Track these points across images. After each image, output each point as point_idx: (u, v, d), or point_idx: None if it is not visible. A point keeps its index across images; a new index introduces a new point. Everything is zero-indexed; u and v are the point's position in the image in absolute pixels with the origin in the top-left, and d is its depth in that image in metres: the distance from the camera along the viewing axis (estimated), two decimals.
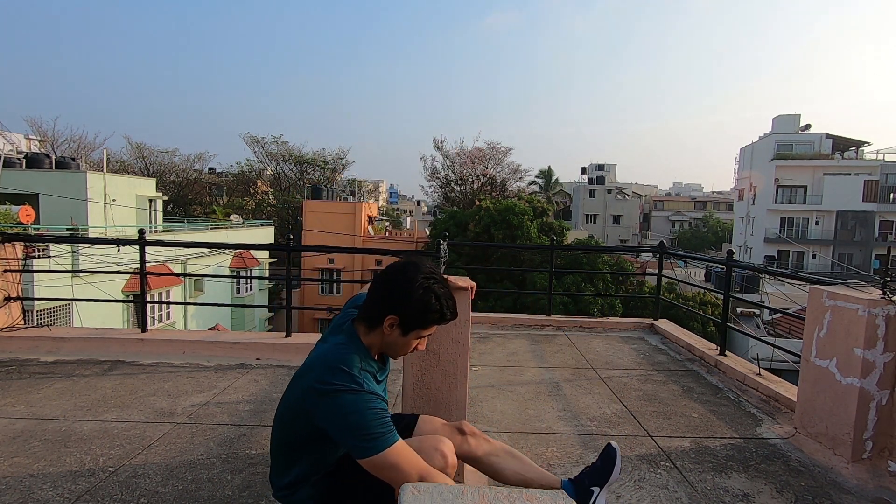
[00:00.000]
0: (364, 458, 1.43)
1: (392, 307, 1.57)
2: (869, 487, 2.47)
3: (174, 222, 26.58)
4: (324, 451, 1.59)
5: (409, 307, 1.57)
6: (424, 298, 1.57)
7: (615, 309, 16.32)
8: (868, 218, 33.43)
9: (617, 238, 53.13)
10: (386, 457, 1.42)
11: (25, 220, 13.49)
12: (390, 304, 1.57)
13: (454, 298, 1.65)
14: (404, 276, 1.59)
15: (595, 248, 19.15)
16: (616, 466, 1.82)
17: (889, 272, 2.66)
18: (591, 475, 1.83)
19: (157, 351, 4.25)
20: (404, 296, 1.56)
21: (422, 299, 1.57)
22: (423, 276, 1.59)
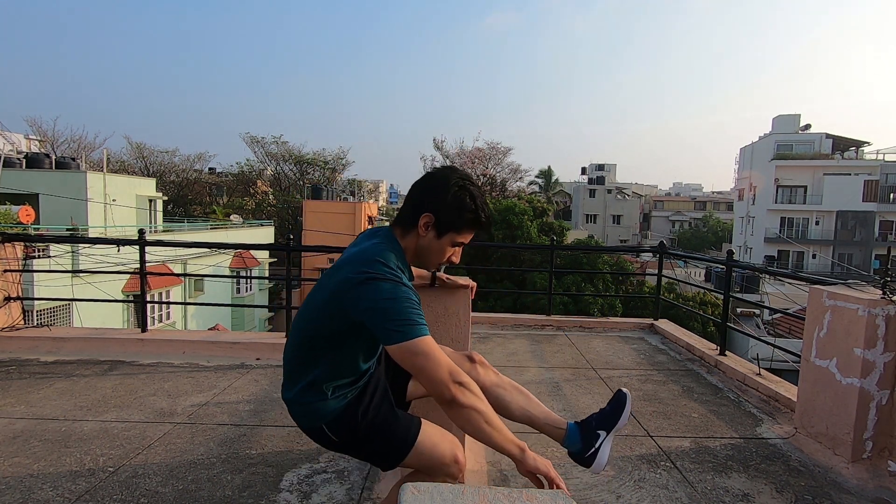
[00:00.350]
0: (395, 344, 1.38)
1: (427, 205, 1.56)
2: (869, 487, 2.47)
3: (174, 222, 26.59)
4: (343, 355, 1.54)
5: (444, 205, 1.56)
6: (460, 196, 1.56)
7: (615, 309, 16.32)
8: (868, 218, 33.45)
9: (617, 238, 53.14)
10: (418, 343, 1.38)
11: (25, 220, 13.50)
12: (426, 203, 1.57)
13: (488, 205, 1.64)
14: (441, 175, 1.60)
15: (595, 248, 19.15)
16: (625, 412, 1.78)
17: (889, 272, 2.66)
18: (598, 419, 1.79)
19: (157, 351, 4.25)
20: (440, 194, 1.56)
21: (457, 196, 1.56)
22: (459, 177, 1.59)
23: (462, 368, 1.67)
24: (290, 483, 2.34)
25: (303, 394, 1.57)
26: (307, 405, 1.58)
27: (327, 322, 1.51)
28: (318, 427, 1.59)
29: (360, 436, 1.59)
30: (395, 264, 1.48)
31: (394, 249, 1.54)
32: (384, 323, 1.40)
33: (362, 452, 1.64)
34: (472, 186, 1.60)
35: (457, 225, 1.57)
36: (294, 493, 2.27)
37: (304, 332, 1.57)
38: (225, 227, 26.17)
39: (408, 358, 1.39)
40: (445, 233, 1.57)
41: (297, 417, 1.63)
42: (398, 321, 1.38)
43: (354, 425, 1.58)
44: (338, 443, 1.61)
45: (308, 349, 1.56)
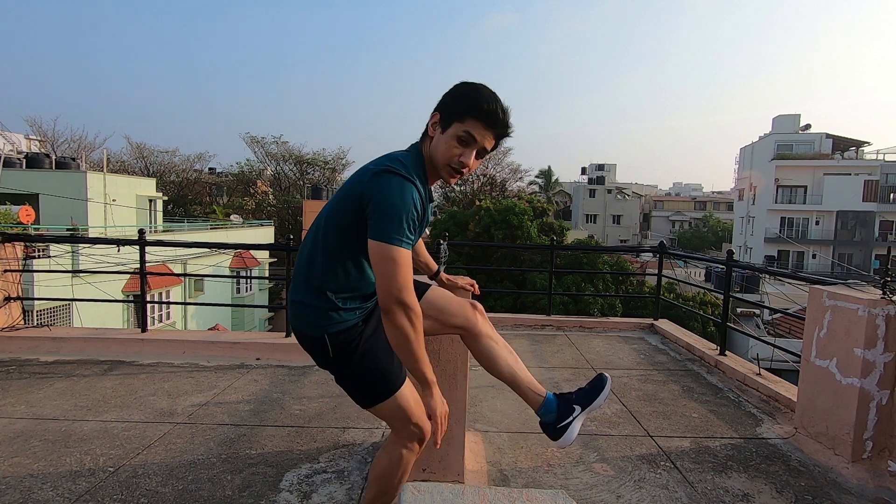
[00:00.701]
0: (376, 240, 1.43)
1: (436, 107, 1.58)
2: (869, 487, 2.47)
3: (174, 222, 26.59)
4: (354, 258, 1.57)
5: (448, 97, 1.56)
6: (463, 88, 1.56)
7: (615, 309, 16.32)
8: (868, 218, 33.45)
9: (617, 238, 53.15)
10: (394, 251, 1.42)
11: (25, 220, 13.49)
12: (436, 106, 1.58)
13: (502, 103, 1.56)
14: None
15: (595, 248, 19.15)
16: (603, 394, 1.81)
17: (889, 272, 2.66)
18: (577, 394, 1.82)
19: (157, 351, 4.25)
20: (448, 92, 1.57)
21: (460, 88, 1.56)
22: (474, 82, 1.57)
23: (465, 314, 1.75)
24: (290, 483, 2.34)
25: (316, 296, 1.58)
26: (318, 309, 1.58)
27: (343, 214, 1.54)
28: (321, 336, 1.59)
29: (355, 358, 1.61)
30: (413, 169, 1.52)
31: (416, 159, 1.58)
32: (379, 216, 1.44)
33: (347, 377, 1.65)
34: (481, 85, 1.57)
35: (458, 113, 1.53)
36: (294, 493, 2.27)
37: (321, 227, 1.60)
38: (225, 227, 26.18)
39: (379, 258, 1.44)
40: (449, 125, 1.54)
41: (301, 320, 1.62)
42: (390, 223, 1.43)
43: (355, 345, 1.60)
44: (331, 358, 1.62)
45: (323, 247, 1.58)
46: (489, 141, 1.56)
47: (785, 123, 36.99)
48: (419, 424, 1.67)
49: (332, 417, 3.10)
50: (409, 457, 1.70)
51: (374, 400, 1.64)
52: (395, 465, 1.69)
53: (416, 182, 1.49)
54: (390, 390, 1.63)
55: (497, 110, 1.53)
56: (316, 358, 1.66)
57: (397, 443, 1.70)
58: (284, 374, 3.82)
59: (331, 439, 2.80)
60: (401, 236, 1.43)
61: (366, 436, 2.86)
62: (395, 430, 1.69)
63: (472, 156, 1.56)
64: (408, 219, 1.45)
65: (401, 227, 1.43)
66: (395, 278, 1.43)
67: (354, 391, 1.67)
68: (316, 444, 2.74)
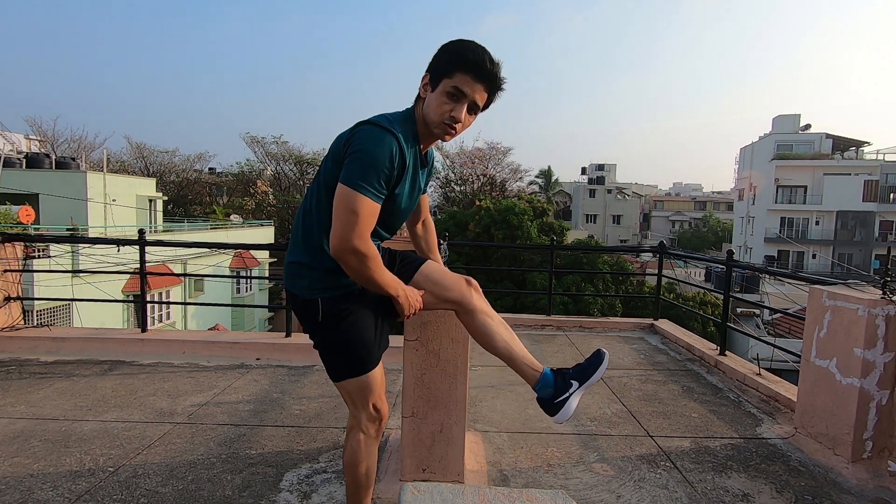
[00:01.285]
0: (345, 184, 1.44)
1: (427, 68, 1.57)
2: (869, 487, 2.47)
3: (174, 222, 26.58)
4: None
5: (435, 56, 1.55)
6: (450, 43, 1.55)
7: (615, 309, 16.30)
8: (868, 218, 33.44)
9: (617, 238, 53.14)
10: (358, 200, 1.43)
11: (25, 220, 13.49)
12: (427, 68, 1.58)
13: (489, 54, 1.53)
14: None
15: (595, 248, 19.14)
16: (600, 369, 1.80)
17: (889, 272, 2.66)
18: (574, 370, 1.82)
19: (157, 351, 4.25)
20: (435, 53, 1.56)
21: (447, 44, 1.55)
22: (465, 39, 1.56)
23: (460, 289, 1.75)
24: (290, 483, 2.34)
25: (315, 256, 1.61)
26: (317, 270, 1.61)
27: (329, 172, 1.55)
28: (314, 299, 1.62)
29: (342, 328, 1.64)
30: (401, 128, 1.52)
31: (407, 119, 1.59)
32: (349, 160, 1.46)
33: (329, 346, 1.67)
34: (466, 40, 1.55)
35: (446, 68, 1.52)
36: (294, 493, 2.27)
37: (315, 189, 1.61)
38: (225, 227, 26.18)
39: (339, 202, 1.44)
40: (439, 82, 1.53)
41: (298, 281, 1.65)
42: (357, 169, 1.44)
43: (345, 314, 1.63)
44: (318, 322, 1.64)
45: (317, 206, 1.59)
46: (480, 94, 1.54)
47: (785, 123, 36.99)
48: (378, 406, 1.72)
49: (332, 417, 3.10)
50: (367, 443, 1.73)
51: (347, 374, 1.67)
52: (355, 453, 1.71)
53: (397, 135, 1.49)
54: (365, 368, 1.67)
55: (484, 61, 1.51)
56: (304, 322, 1.69)
57: (355, 427, 1.73)
58: (284, 374, 3.82)
59: (331, 439, 2.80)
60: (366, 184, 1.43)
61: None
62: (355, 410, 1.73)
63: (463, 110, 1.54)
64: (378, 168, 1.45)
65: (368, 174, 1.43)
66: (351, 228, 1.43)
67: (331, 361, 1.70)
68: (316, 444, 2.74)
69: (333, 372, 1.72)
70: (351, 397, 1.73)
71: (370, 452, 1.75)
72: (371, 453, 1.75)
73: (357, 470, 1.73)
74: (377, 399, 1.72)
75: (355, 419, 1.74)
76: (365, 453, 1.73)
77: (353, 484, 1.75)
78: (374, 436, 1.75)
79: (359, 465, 1.73)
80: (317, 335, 1.68)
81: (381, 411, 1.73)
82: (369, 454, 1.74)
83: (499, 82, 1.56)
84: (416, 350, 2.20)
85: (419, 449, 2.25)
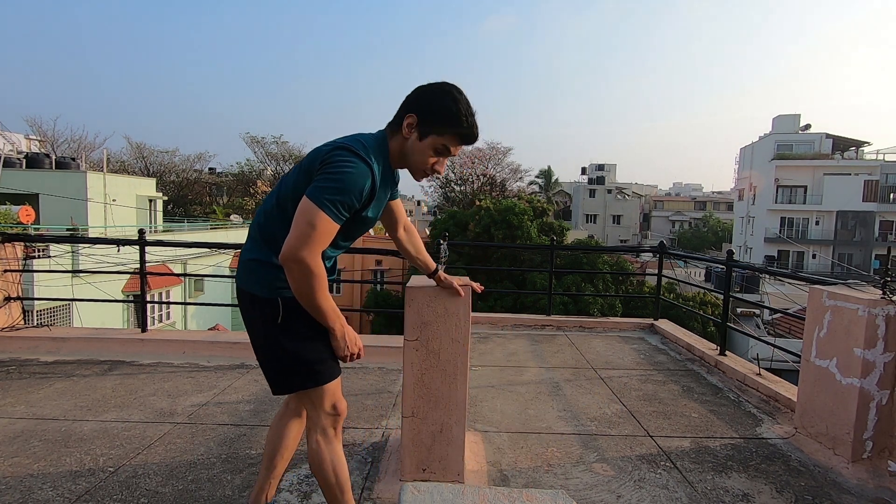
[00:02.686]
0: (309, 197, 1.46)
1: (412, 106, 1.60)
2: (869, 487, 2.47)
3: (174, 222, 26.59)
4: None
5: (428, 105, 1.59)
6: (444, 99, 1.58)
7: (615, 309, 16.31)
8: (868, 218, 33.43)
9: (617, 238, 53.13)
10: (319, 216, 1.44)
11: (25, 220, 13.49)
12: (411, 104, 1.61)
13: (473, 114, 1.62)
14: (432, 83, 1.64)
15: (595, 248, 19.13)
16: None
17: (889, 272, 2.66)
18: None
19: (157, 351, 4.25)
20: (425, 95, 1.60)
21: (441, 99, 1.58)
22: (447, 84, 1.62)
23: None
24: (290, 483, 2.34)
25: (275, 255, 1.58)
26: (276, 268, 1.57)
27: (301, 182, 1.56)
28: (274, 298, 1.60)
29: (300, 332, 1.61)
30: (374, 152, 1.56)
31: (379, 145, 1.62)
32: (321, 179, 1.47)
33: (284, 352, 1.62)
34: (459, 93, 1.60)
35: (438, 127, 1.58)
36: (294, 493, 2.26)
37: (281, 193, 1.62)
38: (225, 227, 26.18)
39: (301, 214, 1.45)
40: (427, 134, 1.59)
41: (255, 277, 1.63)
42: (328, 189, 1.45)
43: (307, 317, 1.58)
44: (276, 323, 1.60)
45: (280, 210, 1.61)
46: (459, 150, 1.67)
47: (785, 123, 36.97)
48: (336, 405, 1.69)
49: None
50: (327, 445, 1.70)
51: (297, 385, 1.64)
52: (316, 454, 1.68)
53: (372, 166, 1.52)
54: (323, 379, 1.63)
55: (475, 126, 1.61)
56: (257, 325, 1.64)
57: (312, 428, 1.70)
58: None
59: None
60: (331, 204, 1.45)
61: (366, 436, 2.86)
62: (311, 410, 1.69)
63: (444, 164, 1.66)
64: (347, 195, 1.47)
65: (335, 196, 1.46)
66: (305, 239, 1.43)
67: (281, 368, 1.64)
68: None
69: (284, 382, 1.65)
70: (304, 400, 1.71)
71: (333, 451, 1.71)
72: (335, 451, 1.71)
73: (324, 471, 1.69)
74: (334, 398, 1.69)
75: (312, 420, 1.70)
76: (328, 452, 1.69)
77: (326, 486, 1.71)
78: (333, 434, 1.71)
79: (323, 464, 1.69)
80: (273, 340, 1.62)
81: (338, 409, 1.70)
82: (332, 452, 1.70)
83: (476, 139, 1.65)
84: (416, 350, 2.20)
85: (419, 449, 2.25)
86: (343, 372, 1.74)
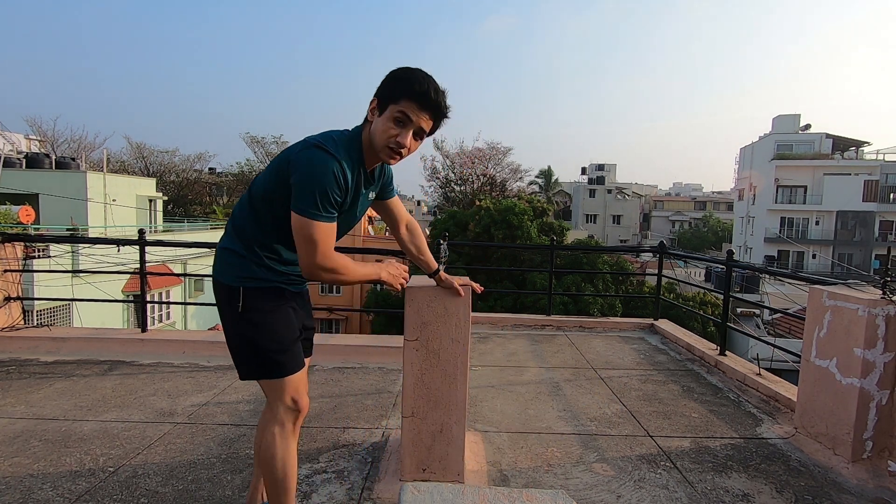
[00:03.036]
0: (293, 211, 1.51)
1: (375, 93, 1.60)
2: (869, 487, 2.47)
3: (174, 222, 26.58)
4: (284, 229, 1.59)
5: (384, 82, 1.58)
6: (397, 71, 1.59)
7: (615, 309, 16.29)
8: (868, 218, 33.42)
9: (617, 238, 53.13)
10: (311, 226, 1.50)
11: (25, 220, 13.49)
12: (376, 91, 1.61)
13: (435, 83, 1.58)
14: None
15: (595, 248, 19.13)
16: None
17: (889, 272, 2.66)
18: None
19: (157, 351, 4.25)
20: (385, 77, 1.59)
21: (395, 72, 1.59)
22: (412, 67, 1.60)
23: (302, 400, 1.75)
24: None
25: (245, 247, 1.65)
26: (244, 259, 1.64)
27: (270, 181, 1.60)
28: (237, 287, 1.64)
29: (260, 322, 1.64)
30: (344, 151, 1.56)
31: (353, 140, 1.62)
32: (298, 188, 1.50)
33: (242, 339, 1.67)
34: (417, 69, 1.59)
35: (393, 95, 1.56)
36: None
37: (252, 192, 1.66)
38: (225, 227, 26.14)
39: (297, 233, 1.52)
40: (385, 107, 1.57)
41: (225, 266, 1.67)
42: (307, 196, 1.48)
43: (267, 310, 1.65)
44: (237, 311, 1.64)
45: (250, 207, 1.66)
46: (425, 121, 1.59)
47: (785, 123, 36.97)
48: (296, 399, 1.69)
49: (332, 417, 3.10)
50: (283, 437, 1.69)
51: (261, 374, 1.67)
52: (269, 448, 1.68)
53: (340, 159, 1.53)
54: (283, 371, 1.66)
55: (429, 90, 1.56)
56: (224, 313, 1.69)
57: (271, 420, 1.70)
58: None
59: (331, 439, 2.80)
60: (318, 210, 1.49)
61: (366, 436, 2.86)
62: (271, 401, 1.71)
63: (408, 136, 1.58)
64: (327, 194, 1.50)
65: (317, 201, 1.49)
66: (313, 254, 1.52)
67: (245, 358, 1.68)
68: (316, 444, 2.74)
69: (245, 368, 1.69)
70: (265, 390, 1.72)
71: (287, 447, 1.69)
72: (288, 448, 1.70)
73: (273, 466, 1.68)
74: (296, 393, 1.70)
75: (271, 411, 1.70)
76: (281, 447, 1.68)
77: (271, 482, 1.70)
78: (290, 430, 1.71)
79: (273, 459, 1.67)
80: (235, 327, 1.67)
81: (299, 404, 1.71)
82: (286, 448, 1.69)
83: (443, 111, 1.61)
84: (416, 350, 2.20)
85: (419, 449, 2.25)
86: (343, 372, 1.76)
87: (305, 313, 1.85)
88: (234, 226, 1.69)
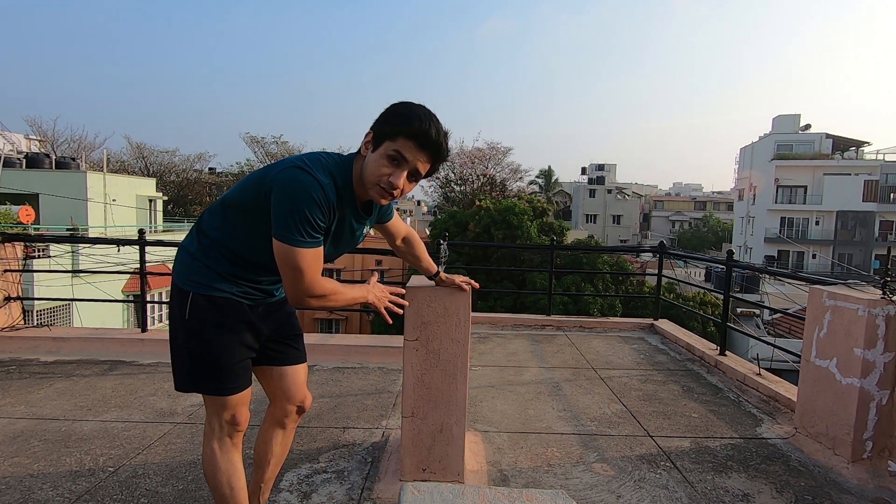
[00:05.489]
0: (279, 240, 1.42)
1: (371, 126, 1.50)
2: (869, 487, 2.47)
3: (174, 222, 26.58)
4: (251, 240, 1.53)
5: (382, 116, 1.48)
6: (397, 106, 1.49)
7: (615, 309, 16.29)
8: (868, 218, 33.43)
9: (617, 238, 53.14)
10: (295, 254, 1.41)
11: (25, 220, 13.49)
12: (372, 125, 1.51)
13: (438, 123, 1.48)
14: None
15: (595, 248, 19.13)
16: None
17: (889, 272, 2.66)
18: None
19: (157, 351, 4.25)
20: (383, 112, 1.50)
21: (394, 106, 1.49)
22: (413, 102, 1.50)
23: (296, 401, 1.81)
24: (289, 483, 2.34)
25: (205, 252, 1.56)
26: (201, 263, 1.56)
27: (247, 195, 1.51)
28: (188, 291, 1.55)
29: (202, 334, 1.55)
30: (328, 177, 1.45)
31: (344, 167, 1.52)
32: (277, 212, 1.41)
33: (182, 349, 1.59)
34: (419, 105, 1.49)
35: (390, 131, 1.44)
36: (294, 493, 2.27)
37: (227, 198, 1.59)
38: None
39: (281, 261, 1.43)
40: (381, 143, 1.46)
41: (183, 266, 1.59)
42: (288, 222, 1.39)
43: (213, 323, 1.55)
44: (184, 319, 1.55)
45: (222, 215, 1.57)
46: (422, 163, 1.47)
47: (785, 123, 36.98)
48: (236, 416, 1.64)
49: (332, 417, 3.10)
50: (223, 454, 1.64)
51: (195, 388, 1.61)
52: (209, 463, 1.64)
53: (320, 180, 1.42)
54: (221, 391, 1.60)
55: (430, 129, 1.44)
56: (171, 311, 1.61)
57: (209, 435, 1.67)
58: None
59: (331, 439, 2.80)
60: (300, 236, 1.40)
61: (366, 436, 2.86)
62: (208, 416, 1.67)
63: (402, 176, 1.46)
64: (307, 218, 1.39)
65: (297, 226, 1.39)
66: (300, 282, 1.44)
67: (184, 368, 1.60)
68: (316, 444, 2.74)
69: (180, 380, 1.62)
70: (206, 403, 1.66)
71: (229, 461, 1.65)
72: (230, 461, 1.65)
73: (218, 481, 1.63)
74: (235, 411, 1.63)
75: (209, 426, 1.65)
76: (223, 462, 1.63)
77: (219, 498, 1.66)
78: (230, 444, 1.66)
79: (217, 474, 1.63)
80: (176, 334, 1.58)
81: (237, 421, 1.64)
82: (228, 462, 1.64)
83: (444, 153, 1.50)
84: (416, 350, 2.20)
85: (419, 449, 2.25)
86: (343, 372, 1.75)
87: (279, 320, 1.76)
88: (199, 229, 1.61)
